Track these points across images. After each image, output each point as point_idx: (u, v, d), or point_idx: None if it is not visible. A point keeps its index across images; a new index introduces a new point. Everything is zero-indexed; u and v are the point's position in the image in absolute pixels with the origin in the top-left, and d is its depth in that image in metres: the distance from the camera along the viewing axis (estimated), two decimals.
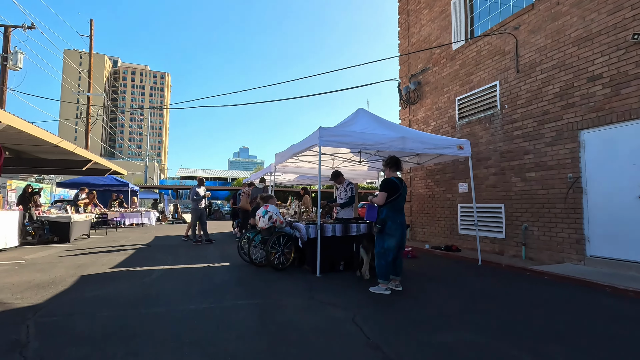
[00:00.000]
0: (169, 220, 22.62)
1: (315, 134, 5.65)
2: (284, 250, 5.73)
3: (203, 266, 6.01)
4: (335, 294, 4.25)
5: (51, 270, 5.49)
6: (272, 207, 5.86)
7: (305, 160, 8.47)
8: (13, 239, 7.97)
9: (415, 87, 10.22)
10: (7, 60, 15.89)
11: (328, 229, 5.48)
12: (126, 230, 13.88)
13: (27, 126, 7.19)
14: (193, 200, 9.24)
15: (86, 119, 24.76)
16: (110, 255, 7.03)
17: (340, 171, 6.69)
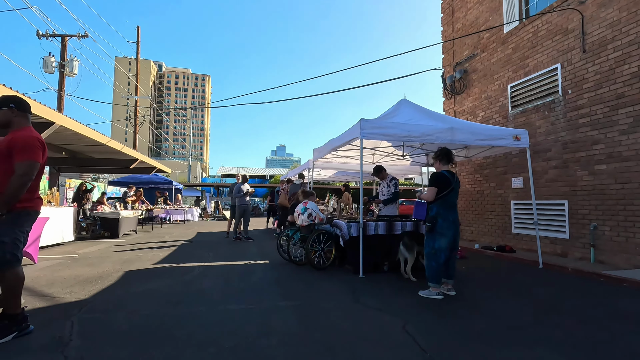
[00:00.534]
0: (210, 216, 23.33)
1: (356, 127, 5.34)
2: (324, 248, 5.49)
3: (242, 263, 5.93)
4: (381, 297, 3.93)
5: (100, 264, 5.66)
6: (311, 204, 5.64)
7: (344, 155, 8.18)
8: (69, 234, 8.44)
9: (460, 76, 9.55)
10: (65, 67, 17.06)
11: (371, 227, 5.16)
12: (170, 227, 14.40)
13: (78, 126, 7.54)
14: (237, 197, 9.27)
15: (134, 121, 26.16)
16: (154, 251, 7.19)
17: (382, 166, 6.32)
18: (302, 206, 5.67)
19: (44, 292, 3.95)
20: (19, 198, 2.64)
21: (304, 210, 5.60)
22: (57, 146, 9.95)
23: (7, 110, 2.78)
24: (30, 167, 2.66)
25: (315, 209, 5.57)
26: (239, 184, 9.40)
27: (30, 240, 5.53)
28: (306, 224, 5.52)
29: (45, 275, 4.86)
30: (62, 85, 17.02)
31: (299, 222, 5.65)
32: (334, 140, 6.54)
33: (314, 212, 5.54)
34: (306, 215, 5.53)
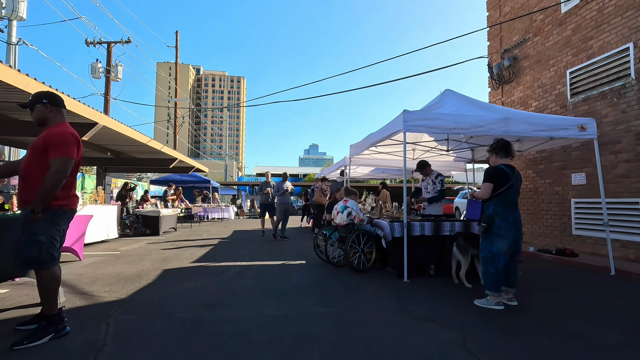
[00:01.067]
0: (246, 215, 23.69)
1: (398, 119, 4.95)
2: (364, 250, 5.16)
3: (279, 264, 5.75)
4: (431, 305, 3.54)
5: (139, 262, 5.70)
6: (352, 203, 5.32)
7: (383, 151, 7.77)
8: (113, 231, 8.73)
9: (509, 64, 8.79)
10: (110, 72, 17.92)
11: (416, 228, 4.76)
12: (208, 225, 14.67)
13: (120, 126, 7.73)
14: (278, 195, 9.13)
15: (174, 122, 27.11)
16: (192, 249, 7.21)
17: (427, 161, 5.86)
18: (342, 204, 5.37)
19: (85, 290, 3.95)
20: (55, 195, 2.56)
21: (343, 209, 5.30)
22: (102, 147, 10.36)
23: (41, 107, 2.72)
24: (64, 163, 2.57)
25: (356, 208, 5.25)
26: (279, 182, 9.24)
27: (75, 238, 5.69)
28: (345, 223, 5.21)
29: (89, 272, 4.93)
30: (108, 90, 17.89)
31: (338, 220, 5.35)
32: (372, 135, 6.18)
33: (354, 211, 5.22)
34: (345, 214, 5.22)
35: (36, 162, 2.60)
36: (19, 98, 5.72)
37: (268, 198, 9.67)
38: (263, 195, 9.71)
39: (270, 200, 9.67)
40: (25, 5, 11.55)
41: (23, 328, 2.70)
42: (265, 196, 9.67)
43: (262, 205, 9.90)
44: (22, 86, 5.06)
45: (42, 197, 2.49)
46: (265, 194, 9.65)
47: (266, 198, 9.70)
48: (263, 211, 9.95)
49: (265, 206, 9.76)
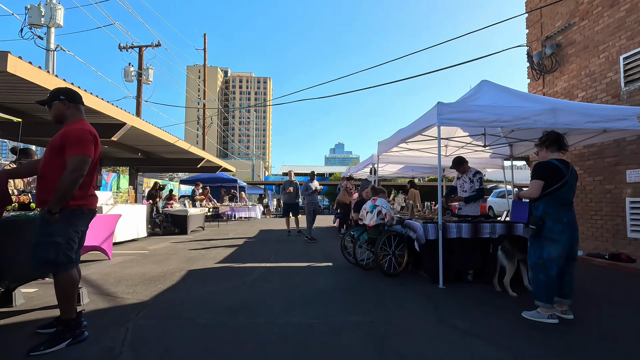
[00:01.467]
0: (272, 214, 23.78)
1: (431, 113, 4.59)
2: (396, 252, 4.84)
3: (305, 265, 5.53)
4: (472, 317, 3.18)
5: (165, 262, 5.67)
6: (381, 201, 5.01)
7: (413, 147, 7.38)
8: (143, 230, 8.87)
9: (552, 51, 8.11)
10: (142, 75, 18.46)
11: (452, 230, 4.38)
12: (235, 224, 14.76)
13: (148, 127, 7.81)
14: (306, 195, 8.91)
15: (202, 123, 27.69)
16: (217, 249, 7.15)
17: (464, 157, 5.44)
18: (370, 204, 5.07)
19: (109, 291, 3.90)
20: (72, 195, 2.45)
21: (372, 208, 5.00)
22: (133, 147, 10.59)
23: (59, 104, 2.63)
24: (81, 161, 2.47)
25: (386, 206, 4.93)
26: (307, 181, 9.05)
27: (105, 236, 5.74)
28: (375, 223, 4.91)
29: (115, 272, 4.93)
30: (140, 92, 18.43)
31: (367, 221, 5.06)
32: (402, 131, 5.83)
33: (384, 210, 4.90)
34: (375, 213, 4.91)
35: (53, 160, 2.51)
36: None
37: (292, 197, 9.50)
38: (286, 194, 9.55)
39: (295, 199, 9.50)
40: (62, 13, 12.02)
41: (43, 331, 2.63)
42: (288, 195, 9.50)
43: (285, 205, 9.73)
44: None
45: (58, 196, 2.39)
46: (288, 193, 9.47)
47: (290, 197, 9.52)
48: (287, 211, 9.78)
49: (289, 206, 9.59)
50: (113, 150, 11.12)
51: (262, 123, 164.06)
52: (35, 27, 11.83)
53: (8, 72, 4.10)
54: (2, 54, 4.02)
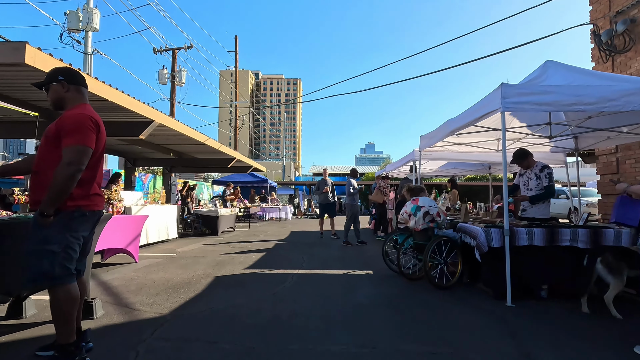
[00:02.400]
0: (303, 214, 23.43)
1: (492, 97, 3.86)
2: (448, 261, 4.15)
3: (342, 273, 4.96)
4: (565, 348, 2.47)
5: (192, 267, 5.31)
6: (425, 200, 4.33)
7: (460, 141, 6.59)
8: (173, 231, 8.68)
9: (624, 28, 6.99)
10: (175, 77, 18.71)
11: (522, 235, 3.63)
12: (266, 224, 14.46)
13: (176, 124, 7.56)
14: (349, 195, 8.24)
15: (234, 124, 27.90)
16: (247, 252, 6.74)
17: (527, 150, 4.64)
18: (411, 205, 4.41)
19: (127, 301, 3.54)
20: (68, 193, 2.04)
21: (415, 210, 4.33)
22: (164, 147, 10.51)
23: (57, 86, 2.22)
24: (79, 153, 2.04)
25: (432, 205, 4.25)
26: (348, 178, 8.46)
27: (131, 238, 5.47)
28: (423, 227, 4.24)
29: (139, 277, 4.61)
30: (173, 94, 18.69)
31: (411, 225, 4.40)
32: (452, 122, 5.10)
33: (432, 210, 4.22)
34: (421, 215, 4.25)
35: (49, 153, 2.11)
36: (98, 104, 5.72)
37: (327, 197, 8.96)
38: (321, 194, 9.02)
39: (330, 199, 8.94)
40: (98, 17, 12.23)
41: (42, 354, 2.24)
42: (323, 195, 8.97)
43: (321, 206, 9.20)
44: None
45: (52, 196, 1.97)
46: (323, 193, 8.95)
47: (325, 197, 9.00)
48: (322, 212, 9.23)
49: (324, 206, 9.06)
50: (146, 150, 11.12)
51: (293, 124, 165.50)
52: (74, 31, 12.09)
53: (26, 64, 3.86)
54: (20, 44, 3.77)
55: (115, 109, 6.10)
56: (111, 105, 5.74)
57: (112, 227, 5.05)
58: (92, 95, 5.04)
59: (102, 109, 6.12)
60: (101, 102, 5.53)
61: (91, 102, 5.68)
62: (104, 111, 6.33)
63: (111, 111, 6.28)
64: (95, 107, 6.28)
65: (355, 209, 8.15)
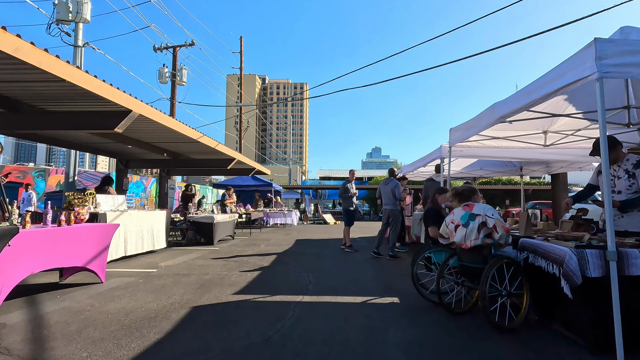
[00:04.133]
0: (310, 220, 22.28)
1: (580, 58, 2.69)
2: (512, 292, 2.97)
3: (359, 301, 3.80)
4: None
5: (169, 290, 4.19)
6: (482, 208, 3.17)
7: (498, 135, 5.41)
8: (161, 241, 7.60)
9: None
10: (176, 76, 17.82)
11: (636, 261, 2.44)
12: (269, 231, 13.34)
13: (162, 117, 6.49)
14: (397, 199, 6.96)
15: (239, 126, 27.00)
16: (242, 268, 5.61)
17: (616, 139, 3.43)
18: (462, 212, 3.24)
19: (49, 356, 2.42)
20: None
21: (467, 219, 3.16)
22: (156, 146, 9.49)
23: None
24: None
25: (491, 215, 3.08)
26: (390, 179, 7.16)
27: (94, 253, 4.38)
28: (475, 243, 3.06)
29: (93, 307, 3.50)
30: (174, 94, 17.79)
31: (457, 239, 3.23)
32: (501, 105, 3.92)
33: (491, 220, 3.04)
34: (476, 227, 3.07)
35: None
36: (56, 87, 4.70)
37: (352, 203, 7.84)
38: (347, 198, 7.83)
39: (354, 206, 7.83)
40: (89, 7, 11.32)
41: None
42: (349, 200, 7.81)
43: (346, 212, 7.93)
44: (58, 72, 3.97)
45: None
46: (350, 197, 7.77)
47: (351, 202, 7.85)
48: (350, 219, 7.97)
49: (350, 212, 7.88)
50: (139, 151, 10.12)
51: (299, 128, 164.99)
52: (63, 23, 11.18)
53: None
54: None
55: (82, 96, 5.06)
56: (74, 90, 4.70)
57: (68, 239, 3.98)
58: (41, 73, 4.01)
59: (65, 94, 5.08)
60: (58, 84, 4.48)
61: (46, 84, 4.71)
62: (66, 99, 5.29)
63: (77, 99, 5.24)
64: (54, 92, 5.08)
65: (400, 215, 6.99)
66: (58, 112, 5.71)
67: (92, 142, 8.92)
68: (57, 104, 5.57)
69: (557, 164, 7.50)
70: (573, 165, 7.01)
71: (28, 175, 17.19)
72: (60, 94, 5.07)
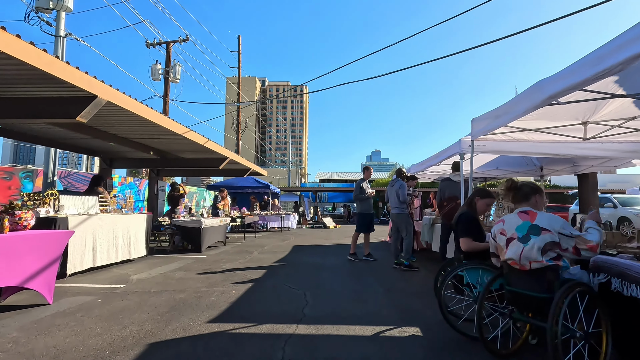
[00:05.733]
0: (309, 223, 21.39)
1: None
2: (589, 331, 2.11)
3: (369, 334, 2.93)
4: None
5: (128, 315, 3.32)
6: (548, 219, 2.28)
7: (527, 126, 4.57)
8: (140, 248, 6.71)
9: None
10: (169, 73, 17.00)
11: None
12: (265, 236, 12.45)
13: (137, 107, 5.62)
14: (402, 202, 6.14)
15: (237, 127, 26.21)
16: (226, 283, 4.73)
17: None
18: (517, 220, 2.37)
19: None
20: None
21: (525, 231, 2.28)
22: (140, 143, 8.64)
23: None
24: None
25: (565, 231, 2.19)
26: (396, 180, 6.34)
27: (36, 268, 3.50)
28: (540, 265, 2.19)
29: (13, 347, 2.62)
30: (167, 91, 16.98)
31: (510, 256, 2.35)
32: (550, 82, 3.08)
33: (565, 240, 2.16)
34: (540, 244, 2.19)
35: None
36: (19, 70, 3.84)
37: (370, 205, 6.96)
38: (364, 200, 6.89)
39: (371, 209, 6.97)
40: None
41: None
42: (366, 203, 6.90)
43: (362, 217, 6.91)
44: None
45: None
46: (366, 198, 6.85)
47: (368, 206, 6.94)
48: (368, 225, 6.91)
49: (366, 217, 6.89)
50: (124, 149, 9.27)
51: (299, 130, 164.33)
52: (43, 11, 10.33)
53: None
54: None
55: (33, 77, 4.20)
56: (21, 69, 3.85)
57: None
58: None
59: (10, 76, 4.21)
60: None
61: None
62: (14, 82, 4.41)
63: (29, 82, 4.37)
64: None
65: (403, 219, 6.12)
66: (4, 98, 4.82)
67: (67, 138, 8.05)
68: (3, 89, 4.69)
69: (587, 163, 6.64)
70: (609, 162, 6.14)
71: (14, 177, 16.34)
72: (4, 76, 4.20)
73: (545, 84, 3.14)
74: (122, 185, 15.37)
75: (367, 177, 7.00)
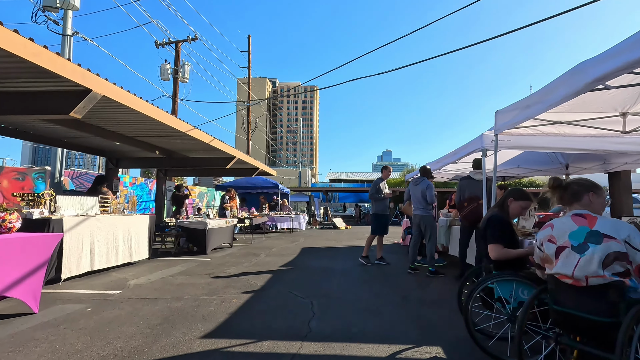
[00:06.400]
0: (319, 224, 21.04)
1: None
2: None
3: (384, 355, 2.54)
4: None
5: (116, 329, 3.00)
6: (612, 225, 1.82)
7: (558, 119, 4.09)
8: (142, 251, 6.45)
9: None
10: (178, 72, 16.87)
11: None
12: (273, 237, 12.13)
13: (136, 102, 5.33)
14: (429, 202, 5.76)
15: (247, 127, 26.03)
16: (227, 290, 4.40)
17: None
18: (572, 224, 1.93)
19: None
20: None
21: (582, 239, 1.84)
22: (145, 142, 8.42)
23: None
24: None
25: (635, 239, 1.76)
26: (420, 179, 5.96)
27: (17, 276, 3.22)
28: (597, 282, 1.76)
29: None
30: (175, 91, 16.86)
31: (560, 269, 1.93)
32: (591, 65, 2.63)
33: (635, 253, 1.73)
34: (601, 255, 1.76)
35: None
36: (5, 61, 3.59)
37: (386, 207, 6.58)
38: (380, 200, 6.50)
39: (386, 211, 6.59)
40: None
41: None
42: (382, 203, 6.52)
43: (377, 217, 6.52)
44: None
45: None
46: (382, 198, 6.46)
47: (384, 207, 6.56)
48: (382, 226, 6.53)
49: (381, 219, 6.51)
50: (130, 149, 9.09)
51: (310, 131, 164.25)
52: (50, 10, 10.23)
53: None
54: None
55: (25, 72, 3.96)
56: (9, 60, 3.59)
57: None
58: None
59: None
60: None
61: None
62: (3, 76, 4.15)
63: (18, 75, 4.11)
64: None
65: (426, 221, 5.73)
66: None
67: (71, 137, 7.89)
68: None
69: (621, 159, 6.08)
70: None
71: (28, 177, 16.44)
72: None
73: (589, 66, 2.69)
74: (133, 185, 15.26)
75: (385, 177, 6.61)
